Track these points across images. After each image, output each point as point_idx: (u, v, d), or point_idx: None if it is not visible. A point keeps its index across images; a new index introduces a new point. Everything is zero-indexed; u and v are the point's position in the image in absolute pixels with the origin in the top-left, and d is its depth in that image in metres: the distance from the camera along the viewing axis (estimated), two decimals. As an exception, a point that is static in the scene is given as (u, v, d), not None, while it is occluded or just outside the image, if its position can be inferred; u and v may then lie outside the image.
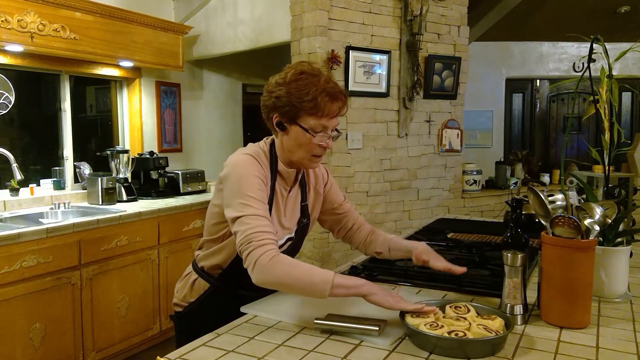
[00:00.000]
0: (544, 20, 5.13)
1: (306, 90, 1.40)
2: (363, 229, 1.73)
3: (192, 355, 1.14)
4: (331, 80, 1.45)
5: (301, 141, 1.45)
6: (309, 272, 1.28)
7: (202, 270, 1.60)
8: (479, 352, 1.10)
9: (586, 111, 1.77)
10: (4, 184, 3.40)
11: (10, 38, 2.95)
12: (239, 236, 1.34)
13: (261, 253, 1.29)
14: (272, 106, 1.45)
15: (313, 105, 1.40)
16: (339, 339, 1.21)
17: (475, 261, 1.83)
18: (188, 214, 3.65)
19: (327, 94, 1.41)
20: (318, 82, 1.41)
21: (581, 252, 1.27)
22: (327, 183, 1.70)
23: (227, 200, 1.40)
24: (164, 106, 4.41)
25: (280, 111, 1.44)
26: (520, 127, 5.94)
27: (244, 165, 1.43)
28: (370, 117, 3.85)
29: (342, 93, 1.45)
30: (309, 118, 1.42)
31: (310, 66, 1.47)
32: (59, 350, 2.84)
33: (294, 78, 1.42)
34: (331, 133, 1.47)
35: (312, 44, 3.54)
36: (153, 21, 3.83)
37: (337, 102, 1.44)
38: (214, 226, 1.55)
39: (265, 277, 1.29)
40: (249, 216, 1.34)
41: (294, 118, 1.43)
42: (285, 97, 1.41)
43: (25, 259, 2.63)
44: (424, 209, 4.20)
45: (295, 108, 1.41)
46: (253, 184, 1.39)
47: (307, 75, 1.42)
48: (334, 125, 1.46)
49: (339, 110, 1.46)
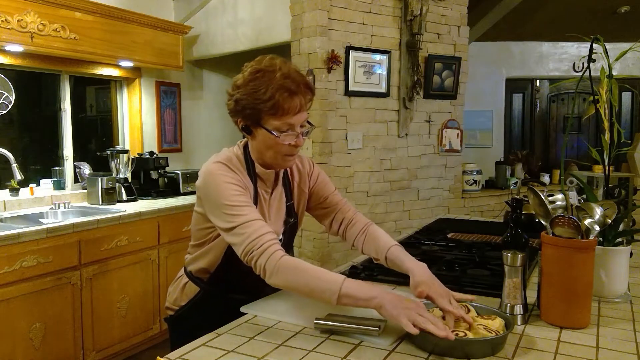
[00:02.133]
0: (544, 20, 5.13)
1: (263, 90, 1.31)
2: (356, 224, 1.60)
3: (192, 355, 1.14)
4: (290, 74, 1.34)
5: (269, 143, 1.38)
6: (316, 280, 1.24)
7: (191, 274, 1.58)
8: (479, 352, 1.10)
9: (586, 111, 1.77)
10: (4, 184, 3.40)
11: (10, 38, 2.95)
12: (239, 248, 1.31)
13: (265, 260, 1.27)
14: (234, 110, 1.39)
15: (272, 105, 1.31)
16: (339, 339, 1.21)
17: (475, 261, 1.83)
18: (188, 214, 3.64)
19: (285, 89, 1.31)
20: (274, 78, 1.32)
21: (581, 252, 1.27)
22: (312, 178, 1.61)
23: (211, 211, 1.37)
24: (164, 106, 4.41)
25: (242, 114, 1.38)
26: (520, 127, 5.94)
27: (216, 173, 1.37)
28: (370, 117, 3.85)
29: (302, 85, 1.35)
30: (271, 119, 1.34)
31: (269, 61, 1.36)
32: (59, 350, 2.84)
33: (250, 78, 1.35)
34: (300, 129, 1.38)
35: (312, 44, 3.54)
36: (153, 21, 3.83)
37: (298, 96, 1.34)
38: (198, 231, 1.52)
39: (277, 281, 1.27)
40: (240, 225, 1.30)
41: (257, 121, 1.36)
42: (244, 99, 1.34)
43: (25, 259, 2.63)
44: (424, 209, 4.20)
45: (255, 110, 1.34)
46: (229, 190, 1.34)
47: (263, 73, 1.33)
48: (301, 120, 1.37)
49: (301, 105, 1.36)
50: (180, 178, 4.03)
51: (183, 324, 1.57)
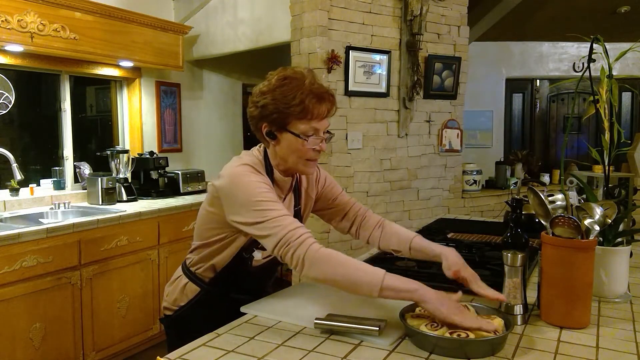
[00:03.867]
0: (544, 20, 5.13)
1: (292, 95, 1.37)
2: (369, 220, 1.66)
3: (192, 355, 1.14)
4: (316, 82, 1.41)
5: (294, 147, 1.41)
6: (356, 272, 1.24)
7: (193, 275, 1.57)
8: (479, 352, 1.10)
9: (586, 111, 1.77)
10: (4, 184, 3.40)
11: (10, 38, 2.95)
12: (271, 240, 1.31)
13: (304, 251, 1.26)
14: (259, 116, 1.42)
15: (301, 109, 1.37)
16: (339, 339, 1.21)
17: (475, 261, 1.83)
18: (188, 214, 3.65)
19: (314, 95, 1.38)
20: (303, 84, 1.38)
21: (581, 252, 1.27)
22: (319, 183, 1.65)
23: (237, 210, 1.37)
24: (164, 106, 4.41)
25: (268, 119, 1.41)
26: (520, 127, 5.94)
27: (243, 174, 1.39)
28: (370, 117, 3.85)
29: (328, 93, 1.42)
30: (299, 123, 1.39)
31: (293, 70, 1.44)
32: (59, 350, 2.84)
33: (278, 84, 1.39)
34: (323, 135, 1.44)
35: (312, 44, 3.54)
36: (153, 21, 3.83)
37: (325, 103, 1.41)
38: (208, 230, 1.51)
39: (316, 274, 1.26)
40: (274, 219, 1.31)
41: (283, 125, 1.40)
42: (272, 104, 1.38)
43: (25, 259, 2.63)
44: (424, 209, 4.20)
45: (284, 114, 1.38)
46: (260, 188, 1.36)
47: (291, 80, 1.39)
48: (325, 127, 1.43)
49: (328, 111, 1.43)
50: (180, 178, 4.03)
51: (182, 324, 1.58)
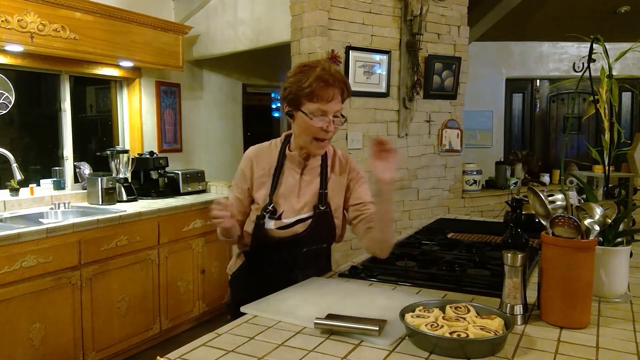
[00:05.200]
0: (544, 20, 5.13)
1: (305, 80, 1.59)
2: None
3: (192, 355, 1.14)
4: (329, 70, 1.61)
5: (304, 126, 1.63)
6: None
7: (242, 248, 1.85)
8: (479, 352, 1.10)
9: (586, 111, 1.77)
10: (4, 184, 3.40)
11: (10, 38, 2.95)
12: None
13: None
14: (282, 98, 1.68)
15: (309, 91, 1.58)
16: (339, 339, 1.21)
17: (475, 261, 1.83)
18: (188, 214, 3.65)
19: (322, 80, 1.58)
20: (315, 71, 1.59)
21: (581, 252, 1.27)
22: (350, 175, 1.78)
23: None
24: (164, 106, 4.40)
25: (287, 100, 1.65)
26: (520, 127, 5.94)
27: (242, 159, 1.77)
28: (370, 117, 3.85)
29: (338, 80, 1.61)
30: (308, 103, 1.60)
31: (315, 60, 1.70)
32: (59, 350, 2.84)
33: (297, 71, 1.63)
34: (332, 117, 1.61)
35: (312, 44, 3.54)
36: (153, 21, 3.83)
37: (332, 87, 1.59)
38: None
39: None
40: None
41: (297, 105, 1.62)
42: (289, 87, 1.63)
43: (25, 259, 2.63)
44: (424, 209, 4.20)
45: (297, 96, 1.61)
46: (238, 172, 1.77)
47: (308, 68, 1.62)
48: (334, 110, 1.62)
49: (334, 95, 1.61)
50: (180, 178, 4.03)
51: (234, 287, 1.86)
